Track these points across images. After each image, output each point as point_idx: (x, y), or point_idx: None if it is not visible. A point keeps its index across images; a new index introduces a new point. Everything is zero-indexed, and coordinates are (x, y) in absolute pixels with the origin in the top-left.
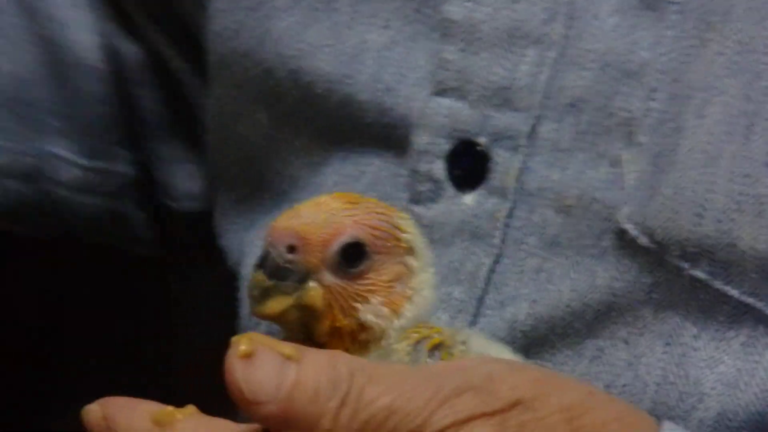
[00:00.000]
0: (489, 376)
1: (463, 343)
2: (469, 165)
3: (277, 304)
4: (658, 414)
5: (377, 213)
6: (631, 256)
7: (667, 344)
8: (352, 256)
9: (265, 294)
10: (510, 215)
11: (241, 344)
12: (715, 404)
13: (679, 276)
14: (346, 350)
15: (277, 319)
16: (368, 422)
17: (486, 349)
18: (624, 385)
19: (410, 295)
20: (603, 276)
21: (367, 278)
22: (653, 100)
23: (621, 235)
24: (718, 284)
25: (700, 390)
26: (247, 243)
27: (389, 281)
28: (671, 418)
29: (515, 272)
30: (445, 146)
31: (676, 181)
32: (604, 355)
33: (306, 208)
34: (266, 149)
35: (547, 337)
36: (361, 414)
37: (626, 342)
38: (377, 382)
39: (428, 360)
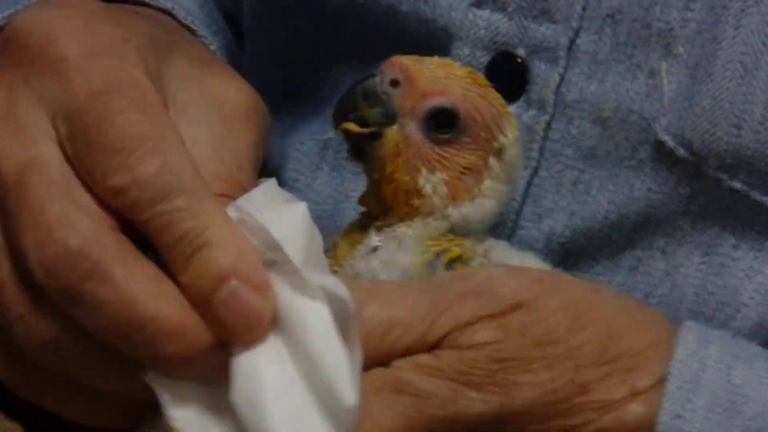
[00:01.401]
0: (488, 281)
1: (484, 254)
2: (508, 78)
3: (354, 126)
4: None
5: (490, 102)
6: (668, 168)
7: (706, 254)
8: (443, 123)
9: (351, 109)
10: (548, 128)
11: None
12: (752, 314)
13: (717, 187)
14: (400, 210)
15: (349, 139)
16: (370, 336)
17: (508, 259)
18: (662, 295)
19: (475, 195)
20: (640, 188)
21: (446, 151)
22: (691, 10)
23: (659, 146)
24: (756, 195)
25: (738, 300)
26: (288, 146)
27: (463, 168)
28: None
29: (553, 185)
30: (484, 58)
31: (713, 93)
32: (642, 265)
33: (432, 61)
34: (308, 54)
35: (584, 248)
36: (361, 329)
37: (664, 252)
38: (376, 298)
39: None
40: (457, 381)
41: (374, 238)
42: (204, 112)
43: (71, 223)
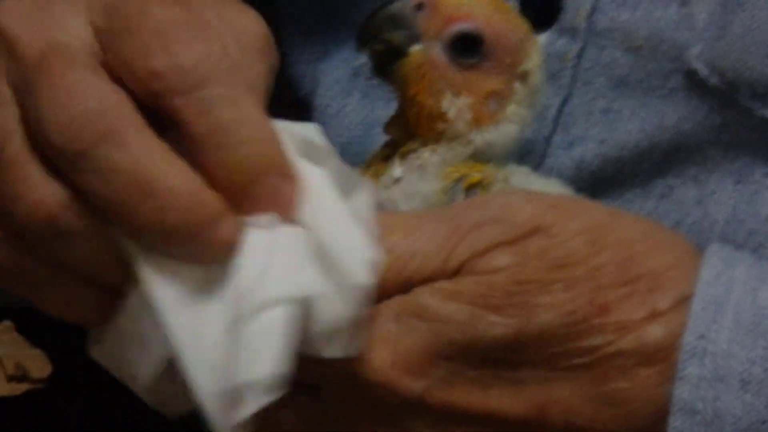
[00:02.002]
0: (506, 206)
1: (505, 180)
2: (541, 5)
3: (380, 46)
4: None
5: (515, 27)
6: (700, 97)
7: (738, 182)
8: (467, 47)
9: (376, 32)
10: (580, 55)
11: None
12: None
13: (749, 116)
14: (424, 135)
15: (374, 59)
16: (390, 268)
17: (529, 185)
18: (692, 223)
19: (499, 120)
20: (671, 116)
21: (470, 76)
22: None
23: (691, 75)
24: None
25: None
26: (321, 72)
27: (488, 93)
28: None
29: (584, 112)
30: None
31: (745, 22)
32: (673, 193)
33: None
34: None
35: (614, 176)
36: (381, 262)
37: (696, 180)
38: (394, 229)
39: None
40: (475, 305)
41: (397, 170)
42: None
43: (91, 87)
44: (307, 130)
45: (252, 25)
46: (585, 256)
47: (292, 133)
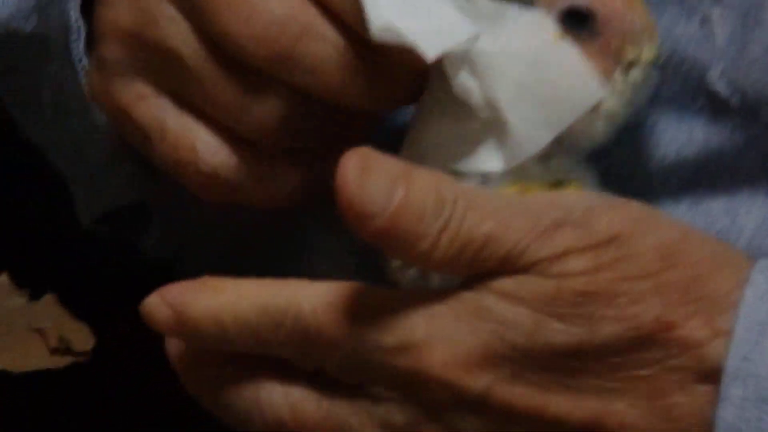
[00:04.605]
0: (589, 210)
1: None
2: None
3: None
4: None
5: (633, 13)
6: (724, 115)
7: None
8: (578, 22)
9: None
10: None
11: (354, 157)
12: None
13: None
14: None
15: None
16: (465, 248)
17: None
18: (719, 231)
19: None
20: (699, 133)
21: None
22: None
23: (713, 96)
24: None
25: None
26: None
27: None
28: None
29: None
30: None
31: (764, 40)
32: (703, 202)
33: None
34: None
35: (644, 187)
36: (460, 239)
37: (727, 191)
38: (479, 208)
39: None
40: (540, 311)
41: None
42: None
43: None
44: None
45: None
46: (655, 272)
47: None
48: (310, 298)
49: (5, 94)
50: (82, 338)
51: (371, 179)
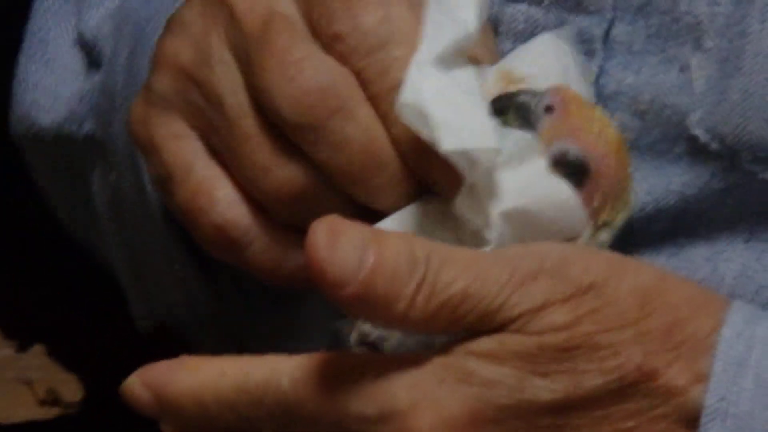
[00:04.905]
0: (562, 259)
1: None
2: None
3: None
4: None
5: (621, 173)
6: (702, 162)
7: (748, 240)
8: (570, 170)
9: (500, 112)
10: None
11: (323, 224)
12: None
13: (752, 180)
14: None
15: None
16: (443, 305)
17: None
18: (701, 279)
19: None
20: (677, 181)
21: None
22: (718, 4)
23: (692, 141)
24: None
25: None
26: None
27: None
28: None
29: None
30: None
31: (743, 87)
32: (683, 251)
33: (596, 111)
34: None
35: (625, 239)
36: (437, 297)
37: (706, 239)
38: (452, 265)
39: None
40: (523, 369)
41: None
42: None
43: (319, 62)
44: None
45: None
46: (634, 320)
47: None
48: (288, 371)
49: (54, 195)
50: (71, 390)
51: (341, 245)
